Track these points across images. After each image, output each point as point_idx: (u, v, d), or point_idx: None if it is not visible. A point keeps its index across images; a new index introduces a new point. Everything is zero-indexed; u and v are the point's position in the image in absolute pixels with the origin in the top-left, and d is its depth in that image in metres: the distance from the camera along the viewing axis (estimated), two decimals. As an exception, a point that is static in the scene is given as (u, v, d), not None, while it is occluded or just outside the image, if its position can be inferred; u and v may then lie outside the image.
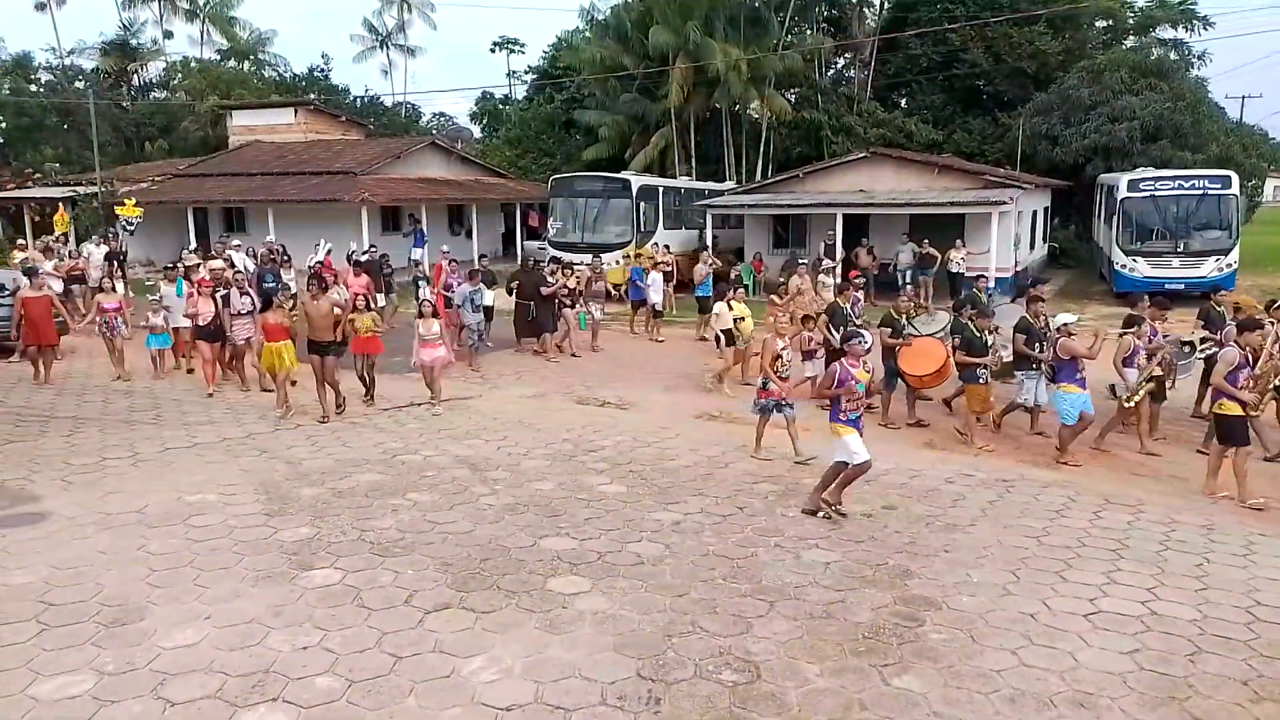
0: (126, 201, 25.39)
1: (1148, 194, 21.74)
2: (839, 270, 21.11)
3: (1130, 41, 37.17)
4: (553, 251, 24.18)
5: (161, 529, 7.43)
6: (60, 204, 28.02)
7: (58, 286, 16.68)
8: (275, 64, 51.08)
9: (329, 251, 19.37)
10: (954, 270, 21.72)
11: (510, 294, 16.28)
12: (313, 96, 43.98)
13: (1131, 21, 37.71)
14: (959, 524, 7.61)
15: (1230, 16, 49.89)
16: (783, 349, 9.85)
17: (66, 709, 4.82)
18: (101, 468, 9.22)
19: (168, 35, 49.85)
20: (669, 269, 21.51)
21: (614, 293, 20.62)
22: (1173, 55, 34.51)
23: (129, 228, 25.17)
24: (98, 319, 13.91)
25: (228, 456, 9.57)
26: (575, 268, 17.18)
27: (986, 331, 10.63)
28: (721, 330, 13.32)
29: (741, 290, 13.82)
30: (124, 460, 9.48)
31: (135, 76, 48.06)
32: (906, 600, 6.13)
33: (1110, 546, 7.11)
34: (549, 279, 15.72)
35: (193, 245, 25.38)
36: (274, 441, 10.13)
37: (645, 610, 5.95)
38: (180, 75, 47.06)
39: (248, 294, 12.96)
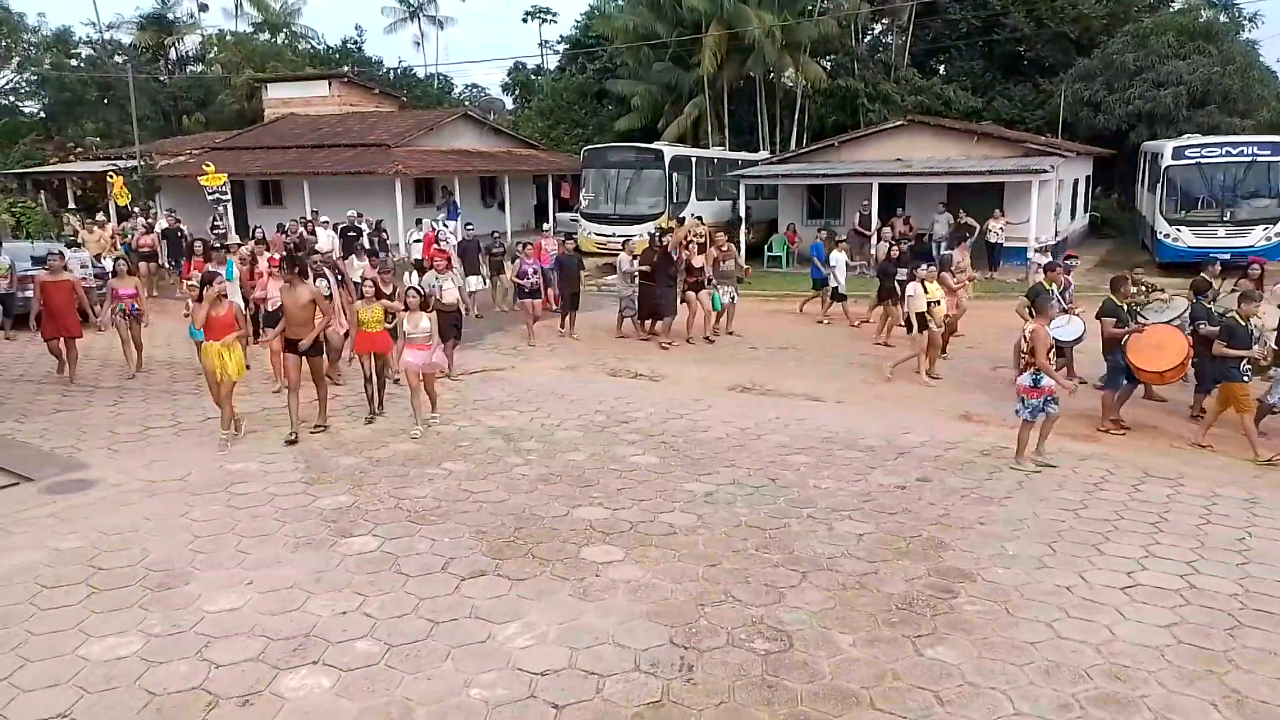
0: (208, 168, 23.21)
1: (1194, 161, 21.17)
2: (1047, 248, 19.47)
3: (1178, 4, 36.04)
4: (585, 224, 24.18)
5: (204, 496, 7.59)
6: (118, 173, 26.26)
7: (77, 270, 15.27)
8: (309, 36, 51.24)
9: (440, 226, 19.30)
10: (992, 240, 21.40)
11: (633, 277, 14.83)
12: (346, 69, 44.08)
13: (1180, -17, 36.59)
14: (994, 496, 7.55)
15: (1284, -24, 48.18)
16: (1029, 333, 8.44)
17: (115, 669, 4.98)
18: (145, 436, 9.42)
19: (203, 8, 50.25)
20: (701, 240, 21.46)
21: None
22: (1222, 18, 33.41)
23: (225, 198, 23.19)
24: (112, 306, 12.25)
25: (267, 425, 9.73)
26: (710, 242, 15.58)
27: (1252, 318, 9.06)
28: (915, 314, 11.92)
29: (932, 268, 12.36)
30: (167, 429, 9.68)
31: (172, 50, 48.47)
32: (940, 572, 6.11)
33: (1149, 520, 7.03)
34: (671, 254, 14.62)
35: (220, 219, 23.82)
36: (314, 411, 10.26)
37: (678, 579, 5.99)
38: (216, 48, 47.40)
39: (326, 276, 11.50)
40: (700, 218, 22.98)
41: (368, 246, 17.78)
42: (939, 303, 12.02)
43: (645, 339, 14.88)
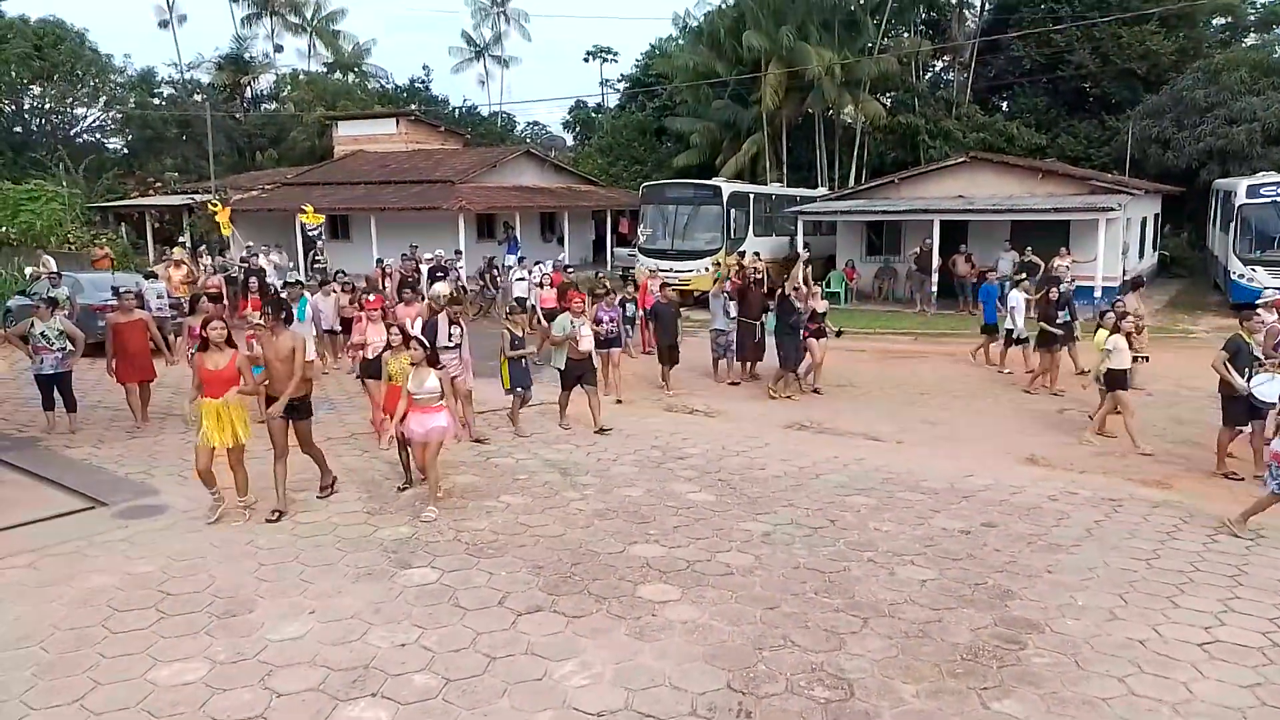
0: (307, 208, 24.22)
1: (1269, 200, 20.57)
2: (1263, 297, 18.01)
3: (1251, 39, 35.29)
4: (643, 259, 24.32)
5: (269, 524, 7.74)
6: (223, 202, 25.90)
7: (154, 301, 15.57)
8: (378, 75, 52.89)
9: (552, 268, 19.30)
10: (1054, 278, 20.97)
11: (729, 313, 14.27)
12: (413, 107, 45.31)
13: (1253, 18, 35.82)
14: (1062, 544, 7.34)
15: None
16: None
17: (182, 694, 5.07)
18: (215, 464, 9.63)
19: (278, 49, 52.25)
20: (759, 276, 21.43)
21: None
22: (1298, 53, 32.62)
23: (321, 237, 24.24)
24: (189, 344, 10.78)
25: (332, 456, 9.88)
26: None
27: None
28: (1115, 369, 10.42)
29: (1130, 319, 10.82)
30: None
31: (248, 89, 50.38)
32: (1007, 622, 5.94)
33: (1227, 572, 6.75)
34: (794, 301, 13.06)
35: (320, 254, 24.05)
36: (375, 442, 10.43)
37: (735, 621, 5.92)
38: (289, 87, 49.16)
39: (458, 323, 10.22)
40: (758, 253, 23.00)
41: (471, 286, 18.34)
42: (1146, 358, 10.75)
43: (736, 383, 14.30)
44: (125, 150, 47.04)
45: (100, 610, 6.09)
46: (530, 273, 19.88)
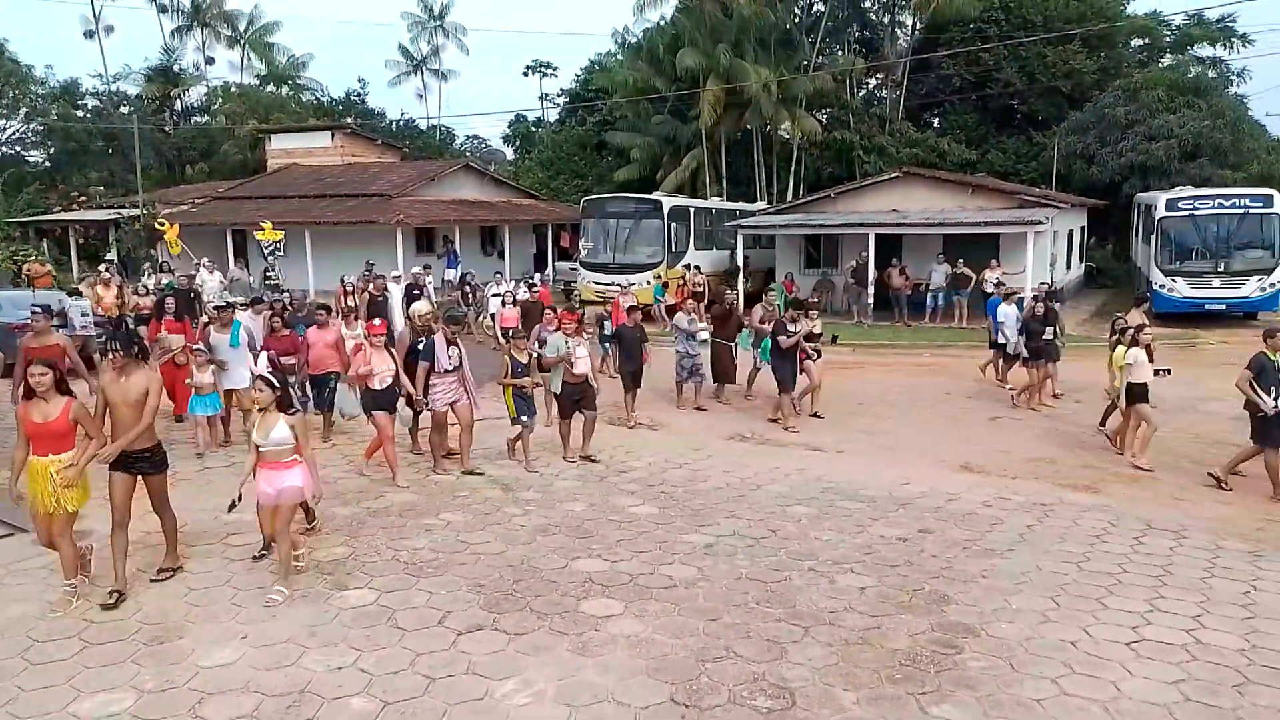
0: (265, 225, 22.96)
1: (1187, 213, 21.42)
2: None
3: (1167, 59, 36.80)
4: (585, 273, 24.32)
5: (199, 548, 7.51)
6: (170, 221, 24.09)
7: (77, 319, 14.88)
8: (313, 88, 52.11)
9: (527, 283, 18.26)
10: (988, 291, 21.53)
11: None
12: (349, 120, 44.73)
13: (1168, 39, 37.37)
14: (996, 549, 7.50)
15: (1270, 34, 49.17)
16: None
17: (106, 726, 4.88)
18: (139, 486, 9.33)
19: (209, 61, 51.17)
20: (699, 289, 21.59)
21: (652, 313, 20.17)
22: (1211, 73, 34.09)
23: (279, 253, 23.06)
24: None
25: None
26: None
27: None
28: (1135, 384, 10.11)
29: (1146, 332, 10.49)
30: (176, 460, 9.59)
31: (177, 101, 49.25)
32: (944, 627, 6.04)
33: (1153, 573, 6.97)
34: (788, 326, 12.09)
35: (272, 269, 22.97)
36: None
37: (678, 634, 5.91)
38: (221, 100, 48.16)
39: (456, 343, 9.65)
40: (698, 267, 23.18)
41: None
42: (1168, 371, 10.48)
43: (702, 408, 13.32)
44: (47, 163, 45.51)
45: (19, 641, 5.83)
46: (517, 286, 18.84)
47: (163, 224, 23.37)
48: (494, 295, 18.57)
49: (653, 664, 5.52)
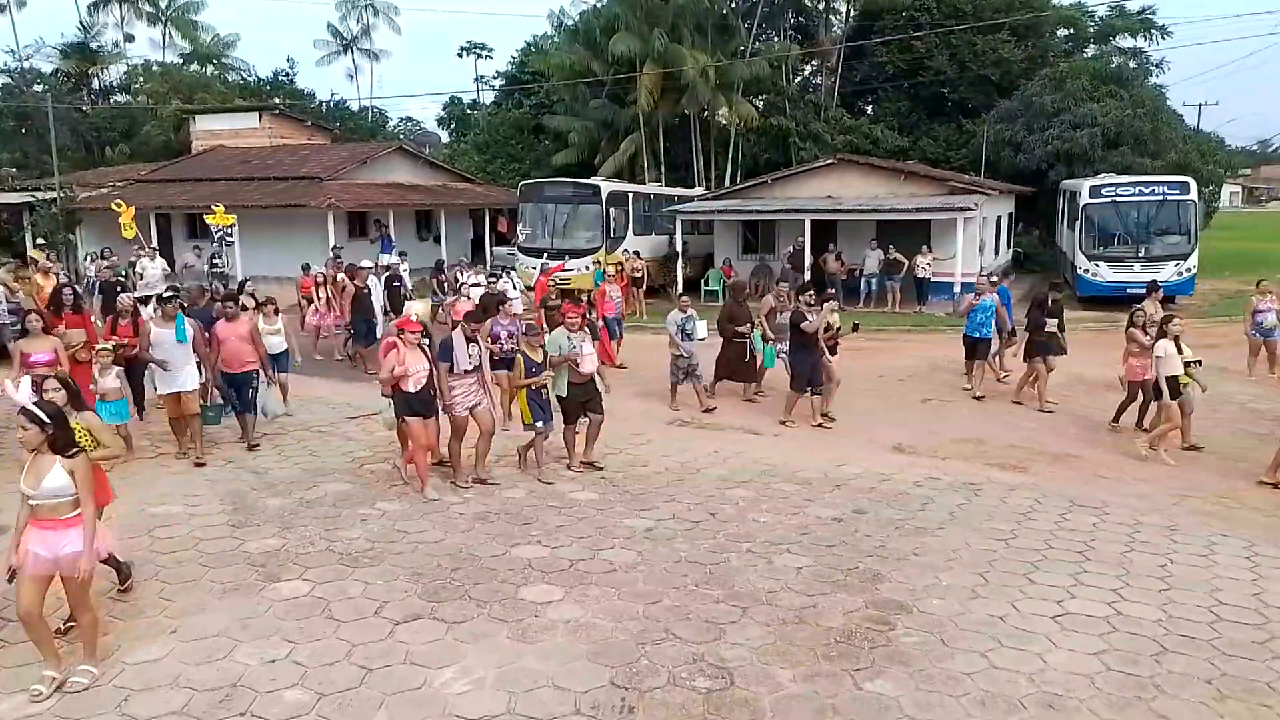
0: (217, 208, 21.31)
1: (1109, 200, 22.11)
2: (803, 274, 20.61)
3: (1091, 50, 37.86)
4: (523, 258, 24.10)
5: (125, 541, 7.25)
6: (124, 202, 21.62)
7: None
8: (239, 68, 50.51)
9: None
10: (920, 276, 21.99)
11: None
12: (277, 101, 43.49)
13: (1092, 30, 38.41)
14: (928, 527, 7.68)
15: (1188, 25, 50.98)
16: None
17: (26, 728, 4.71)
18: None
19: (129, 38, 49.09)
20: (638, 275, 21.60)
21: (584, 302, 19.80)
22: (1132, 63, 35.16)
23: (229, 239, 21.84)
24: (15, 377, 8.21)
25: (192, 467, 9.41)
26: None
27: None
28: (1167, 376, 9.82)
29: (1177, 323, 10.08)
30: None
31: (95, 80, 47.21)
32: (877, 604, 6.17)
33: (1076, 549, 7.21)
34: (807, 314, 11.26)
35: (218, 256, 21.66)
36: (239, 451, 9.98)
37: (618, 618, 5.93)
38: (142, 79, 46.34)
39: (475, 340, 8.82)
40: (637, 252, 23.17)
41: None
42: (1199, 362, 10.07)
43: (710, 409, 12.19)
44: (-45, 144, 43.40)
45: (-70, 642, 5.59)
46: (505, 277, 17.36)
47: (118, 205, 21.31)
48: (473, 285, 16.75)
49: (593, 648, 5.53)
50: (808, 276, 22.81)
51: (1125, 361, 11.10)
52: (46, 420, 5.14)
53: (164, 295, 10.40)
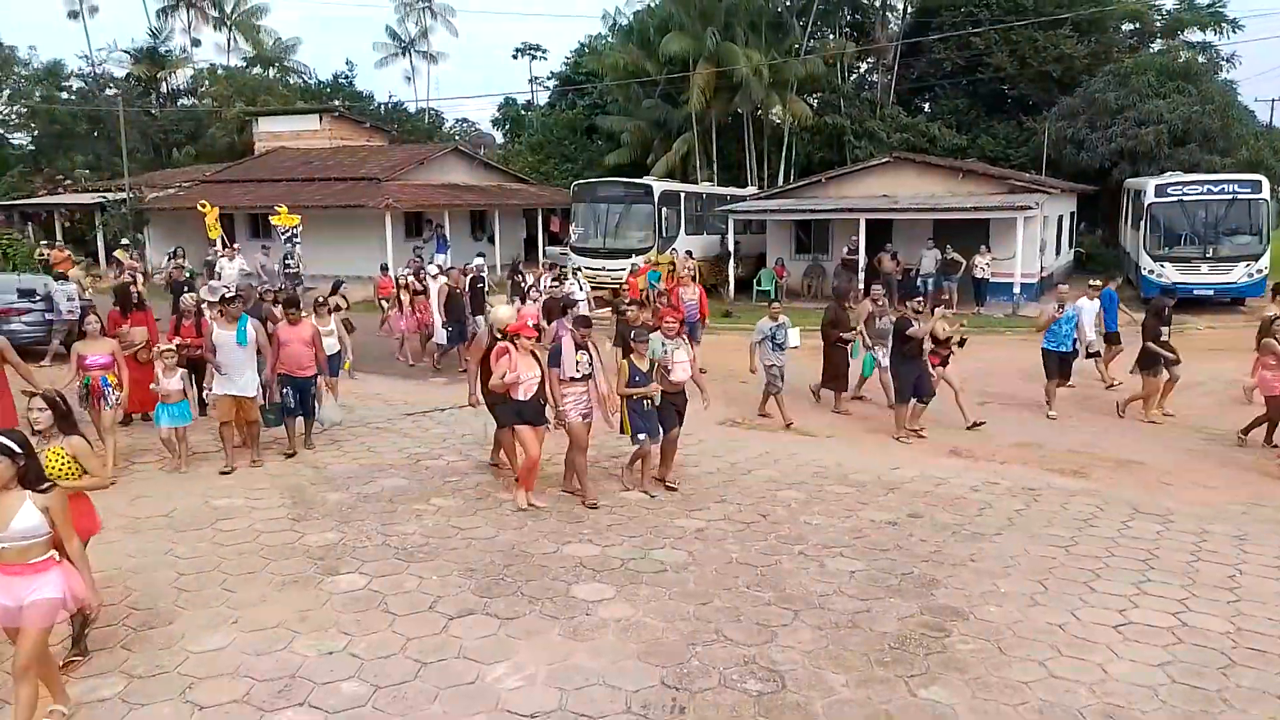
0: (281, 209, 21.53)
1: (1176, 198, 21.48)
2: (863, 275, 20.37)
3: (1157, 45, 36.79)
4: (575, 258, 24.23)
5: (189, 533, 7.50)
6: (206, 203, 21.85)
7: (64, 304, 14.54)
8: (300, 70, 51.64)
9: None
10: (979, 276, 21.59)
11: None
12: (337, 103, 44.40)
13: (1159, 24, 37.32)
14: (985, 533, 7.54)
15: (1260, 19, 49.31)
16: None
17: (96, 712, 4.88)
18: (129, 472, 9.32)
19: (195, 43, 50.58)
20: (691, 274, 21.52)
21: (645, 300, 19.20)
22: (1201, 58, 34.10)
23: (296, 239, 21.54)
24: (78, 378, 8.92)
25: (249, 465, 9.63)
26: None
27: None
28: None
29: None
30: (150, 463, 9.57)
31: (164, 84, 48.67)
32: (933, 610, 6.07)
33: (1140, 557, 7.02)
34: (914, 319, 10.57)
35: (291, 257, 21.31)
36: (299, 445, 10.18)
37: (669, 618, 5.93)
38: (208, 82, 47.65)
39: (586, 347, 8.27)
40: (689, 252, 23.15)
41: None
42: None
43: (790, 424, 11.44)
44: (31, 146, 45.04)
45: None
46: (572, 279, 16.58)
47: (203, 206, 21.47)
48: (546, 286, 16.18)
49: (644, 647, 5.54)
50: (862, 277, 22.62)
51: (1256, 373, 10.30)
52: (17, 450, 4.51)
53: (226, 296, 10.23)
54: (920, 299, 11.22)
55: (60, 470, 5.30)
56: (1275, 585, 6.49)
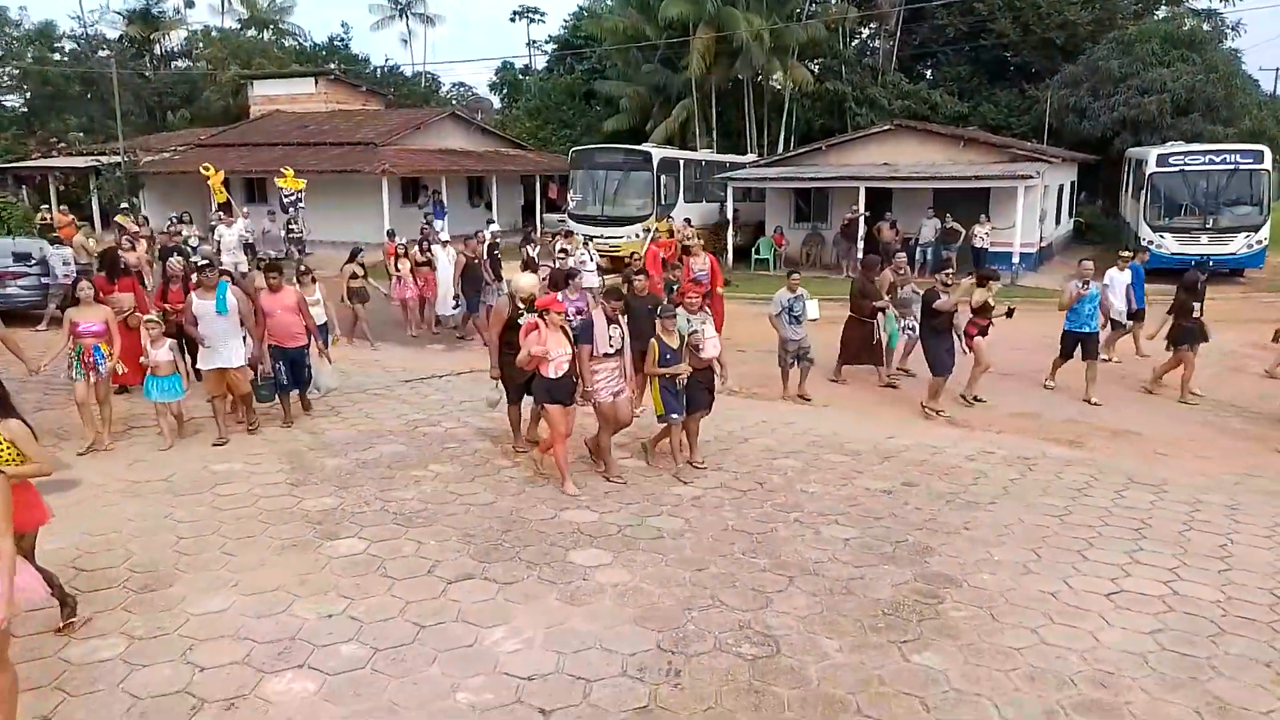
0: (286, 171, 21.10)
1: (1177, 168, 21.39)
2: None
3: (1162, 12, 36.40)
4: (573, 225, 24.12)
5: (188, 497, 7.53)
6: (210, 166, 20.91)
7: (59, 268, 14.32)
8: (295, 33, 51.08)
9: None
10: (978, 245, 21.54)
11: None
12: (333, 66, 43.94)
13: (1164, -9, 36.96)
14: (980, 502, 7.59)
15: (1266, -14, 48.66)
16: None
17: (98, 672, 4.93)
18: (128, 436, 9.34)
19: (189, 4, 50.00)
20: (690, 243, 21.44)
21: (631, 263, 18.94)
22: (1205, 26, 33.76)
23: (300, 204, 21.09)
24: (70, 345, 8.72)
25: (246, 432, 9.65)
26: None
27: None
28: None
29: None
30: (150, 429, 9.58)
31: (157, 46, 48.16)
32: (926, 577, 6.13)
33: (1133, 526, 7.08)
34: (942, 293, 10.33)
35: (294, 221, 20.68)
36: (297, 411, 10.20)
37: (665, 584, 5.99)
38: (202, 44, 47.17)
39: (617, 321, 8.09)
40: (688, 220, 23.06)
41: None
42: None
43: (807, 398, 11.24)
44: (24, 108, 44.62)
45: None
46: (583, 249, 15.94)
47: (207, 169, 20.61)
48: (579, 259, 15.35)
49: (640, 612, 5.60)
50: (861, 245, 22.56)
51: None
52: None
53: (200, 265, 9.85)
54: (950, 270, 10.98)
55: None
56: (1266, 555, 6.56)
